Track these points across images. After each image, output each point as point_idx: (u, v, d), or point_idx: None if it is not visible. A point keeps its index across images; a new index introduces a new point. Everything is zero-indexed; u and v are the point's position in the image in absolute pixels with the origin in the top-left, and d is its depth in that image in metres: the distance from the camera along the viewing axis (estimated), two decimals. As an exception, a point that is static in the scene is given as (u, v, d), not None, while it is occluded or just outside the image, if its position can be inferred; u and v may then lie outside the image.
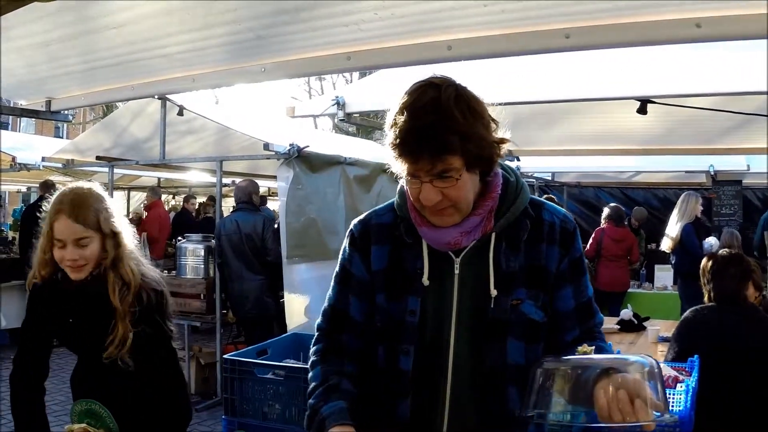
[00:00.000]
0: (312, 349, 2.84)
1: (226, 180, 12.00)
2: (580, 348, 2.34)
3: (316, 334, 2.86)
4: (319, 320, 2.86)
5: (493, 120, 2.39)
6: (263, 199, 17.16)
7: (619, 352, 2.62)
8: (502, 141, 2.41)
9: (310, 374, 2.77)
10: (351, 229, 2.77)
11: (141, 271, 3.51)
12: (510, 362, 2.47)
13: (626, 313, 8.18)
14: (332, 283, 2.81)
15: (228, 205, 12.96)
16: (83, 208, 3.32)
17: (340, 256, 2.80)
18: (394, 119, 2.31)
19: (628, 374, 2.12)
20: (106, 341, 3.31)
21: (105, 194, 3.48)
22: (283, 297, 8.73)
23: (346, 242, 2.77)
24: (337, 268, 2.80)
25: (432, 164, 2.27)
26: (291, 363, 5.87)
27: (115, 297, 3.34)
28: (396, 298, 2.58)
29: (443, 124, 2.24)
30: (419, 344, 2.53)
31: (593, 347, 2.35)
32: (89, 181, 3.59)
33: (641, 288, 13.09)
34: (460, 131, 2.25)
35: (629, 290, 12.48)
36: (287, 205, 8.27)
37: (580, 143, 9.65)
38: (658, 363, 2.19)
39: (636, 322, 8.10)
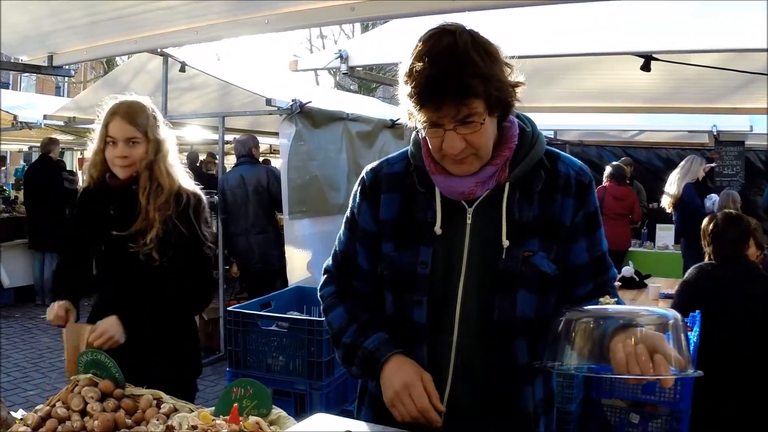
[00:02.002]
0: (323, 291, 2.86)
1: (227, 137, 12.00)
2: (602, 299, 2.32)
3: (325, 276, 2.88)
4: (328, 262, 2.89)
5: (507, 64, 2.36)
6: (265, 161, 17.19)
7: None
8: (518, 84, 2.39)
9: (330, 315, 2.78)
10: (362, 176, 2.76)
11: (179, 178, 3.89)
12: (519, 315, 2.45)
13: (627, 270, 8.25)
14: (342, 228, 2.83)
15: (229, 162, 12.94)
16: (135, 112, 3.74)
17: (350, 202, 2.80)
18: (411, 68, 2.27)
19: (647, 329, 2.11)
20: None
21: (154, 107, 3.90)
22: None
23: (356, 189, 2.77)
24: (347, 213, 2.80)
25: (456, 110, 2.25)
26: (295, 315, 5.91)
27: (143, 195, 3.72)
28: (405, 248, 2.57)
29: (464, 68, 2.21)
30: (431, 295, 2.52)
31: (615, 299, 2.33)
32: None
33: (642, 247, 13.12)
34: (481, 74, 2.23)
35: (630, 249, 12.50)
36: (289, 161, 8.29)
37: (582, 100, 9.56)
38: (682, 317, 2.18)
39: (637, 279, 8.16)
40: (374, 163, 2.78)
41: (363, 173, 2.77)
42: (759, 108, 8.93)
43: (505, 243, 2.44)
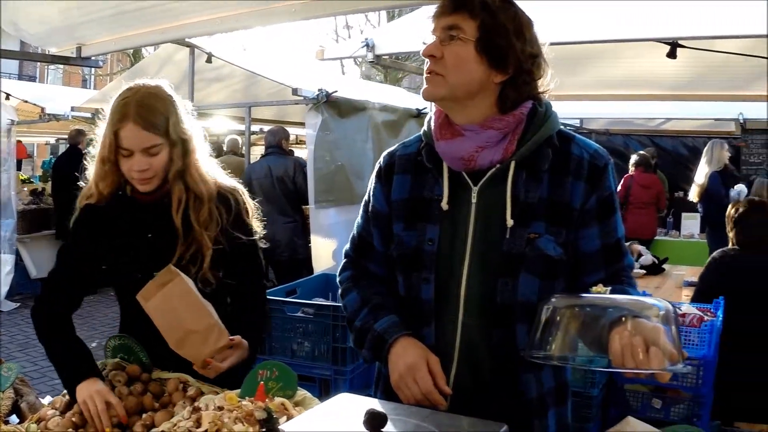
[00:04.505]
0: (341, 276, 2.89)
1: (254, 127, 12.04)
2: (594, 288, 2.27)
3: (344, 260, 2.92)
4: (347, 246, 2.91)
5: (534, 41, 2.47)
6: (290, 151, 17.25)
7: (645, 294, 2.56)
8: (533, 56, 2.46)
9: (345, 300, 2.80)
10: (379, 161, 2.81)
11: (216, 177, 3.24)
12: (520, 299, 2.45)
13: (646, 258, 8.30)
14: (360, 212, 2.85)
15: (255, 153, 12.99)
16: (150, 112, 2.96)
17: (368, 186, 2.83)
18: None
19: (646, 320, 2.08)
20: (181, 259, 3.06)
21: (174, 94, 3.12)
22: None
23: (373, 173, 2.81)
24: (365, 197, 2.84)
25: (448, 13, 2.42)
26: (320, 301, 5.95)
27: (178, 215, 3.07)
28: (414, 227, 2.59)
29: None
30: (438, 273, 2.54)
31: (609, 288, 2.29)
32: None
33: (668, 236, 13.12)
34: (489, 8, 2.38)
35: (656, 237, 12.54)
36: (315, 151, 8.34)
37: (607, 88, 9.51)
38: (674, 307, 2.15)
39: (657, 262, 8.25)
40: (392, 147, 2.83)
41: (380, 158, 2.82)
42: (785, 96, 8.88)
43: (510, 223, 2.44)
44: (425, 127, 2.65)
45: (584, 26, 6.24)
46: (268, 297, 3.68)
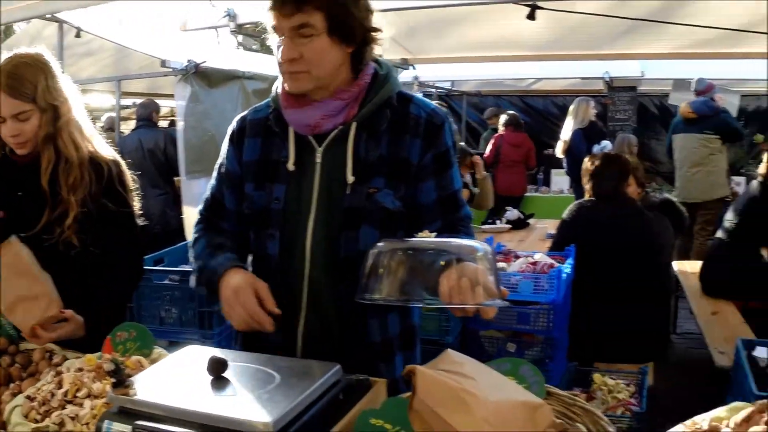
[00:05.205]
0: (193, 230, 2.99)
1: (126, 102, 11.86)
2: (420, 233, 2.40)
3: (197, 218, 3.01)
4: (200, 207, 3.02)
5: (367, 7, 2.58)
6: (172, 122, 17.07)
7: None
8: (375, 29, 2.60)
9: (193, 249, 2.90)
10: (232, 125, 2.92)
11: (92, 146, 3.35)
12: (362, 249, 2.51)
13: (512, 213, 8.61)
14: (214, 174, 2.96)
15: (127, 127, 12.84)
16: (20, 80, 3.11)
17: (222, 149, 2.95)
18: None
19: (470, 262, 2.22)
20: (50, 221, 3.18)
21: (51, 60, 3.25)
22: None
23: (226, 137, 2.93)
24: (218, 160, 2.95)
25: (292, 14, 2.43)
26: (186, 268, 5.91)
27: (46, 177, 3.18)
28: (263, 187, 2.73)
29: None
30: (283, 230, 2.69)
31: (434, 233, 2.41)
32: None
33: (538, 192, 13.61)
34: None
35: (527, 194, 12.94)
36: (185, 122, 8.28)
37: (474, 50, 9.64)
38: (492, 249, 2.33)
39: (523, 217, 8.59)
40: (244, 112, 2.94)
41: (233, 122, 2.93)
42: (645, 53, 9.19)
43: (350, 179, 2.60)
44: (273, 94, 2.77)
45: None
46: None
